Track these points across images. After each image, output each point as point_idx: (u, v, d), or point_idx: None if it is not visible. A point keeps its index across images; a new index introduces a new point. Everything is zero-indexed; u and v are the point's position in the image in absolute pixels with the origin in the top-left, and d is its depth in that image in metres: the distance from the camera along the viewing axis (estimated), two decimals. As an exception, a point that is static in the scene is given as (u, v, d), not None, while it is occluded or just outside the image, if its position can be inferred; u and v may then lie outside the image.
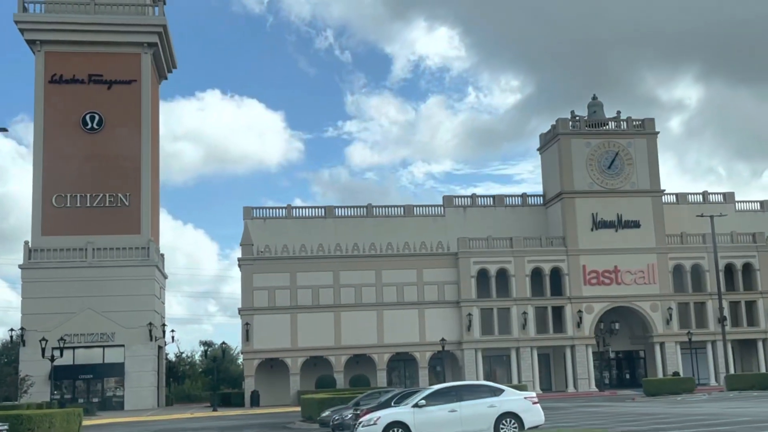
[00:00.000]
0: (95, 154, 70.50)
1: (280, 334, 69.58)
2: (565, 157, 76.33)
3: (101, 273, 67.75)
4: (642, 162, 77.14)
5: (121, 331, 67.05)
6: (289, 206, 77.12)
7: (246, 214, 75.48)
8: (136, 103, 72.13)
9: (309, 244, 72.31)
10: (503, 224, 78.35)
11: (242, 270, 70.65)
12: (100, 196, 69.97)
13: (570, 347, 73.13)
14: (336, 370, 69.99)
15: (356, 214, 77.97)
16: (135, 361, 66.92)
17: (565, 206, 75.71)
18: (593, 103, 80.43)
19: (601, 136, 77.19)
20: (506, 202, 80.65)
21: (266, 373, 70.18)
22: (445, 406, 22.65)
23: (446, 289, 72.89)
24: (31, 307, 65.52)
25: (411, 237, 74.84)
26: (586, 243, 74.72)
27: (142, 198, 70.37)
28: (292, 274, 70.85)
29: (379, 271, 72.23)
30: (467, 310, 71.77)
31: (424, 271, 72.85)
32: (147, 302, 68.34)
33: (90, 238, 68.54)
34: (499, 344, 72.25)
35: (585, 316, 73.28)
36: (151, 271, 69.01)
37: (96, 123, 70.98)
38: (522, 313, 72.31)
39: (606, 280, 74.40)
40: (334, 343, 70.57)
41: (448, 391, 23.27)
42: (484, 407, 22.82)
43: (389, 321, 71.46)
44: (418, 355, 71.73)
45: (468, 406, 22.70)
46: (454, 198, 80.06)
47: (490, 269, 72.91)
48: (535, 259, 73.81)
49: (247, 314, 69.58)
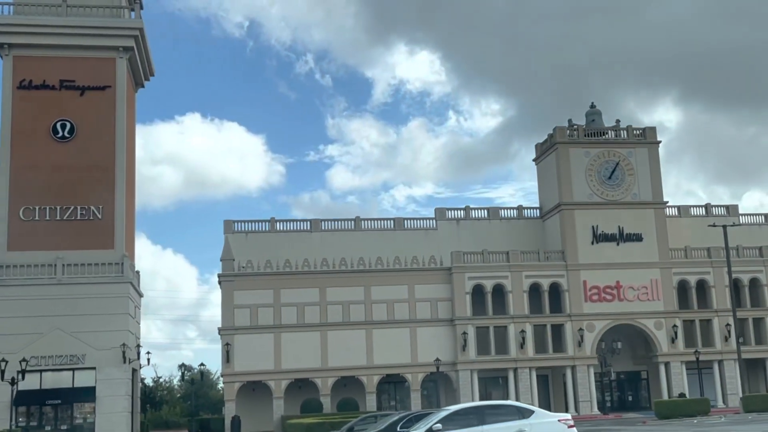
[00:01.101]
0: (66, 164, 66.74)
1: (263, 355, 65.97)
2: (564, 167, 73.44)
3: (71, 291, 63.80)
4: (644, 172, 74.43)
5: (92, 352, 63.08)
6: (273, 219, 73.76)
7: (227, 228, 72.01)
8: (110, 110, 68.47)
9: (294, 259, 68.89)
10: (498, 238, 75.27)
11: (222, 287, 67.05)
12: (71, 208, 66.18)
13: (571, 368, 69.87)
14: (322, 394, 66.36)
15: (343, 227, 74.69)
16: (107, 384, 62.89)
17: (563, 218, 72.71)
18: (591, 112, 77.77)
19: (601, 146, 74.47)
20: (501, 214, 77.59)
21: (248, 397, 66.45)
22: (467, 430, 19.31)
23: (439, 307, 69.57)
24: (-5, 328, 61.42)
25: (401, 251, 71.59)
26: (586, 257, 71.70)
27: (116, 211, 66.62)
28: (276, 291, 67.35)
29: (368, 287, 68.88)
30: (462, 329, 68.43)
31: (415, 287, 69.57)
32: (120, 322, 64.42)
33: (60, 254, 64.65)
34: (496, 365, 68.89)
35: (586, 335, 70.10)
36: (125, 288, 65.19)
37: (67, 131, 67.32)
38: (520, 331, 69.04)
39: (608, 297, 71.32)
40: (321, 365, 67.03)
41: (467, 413, 19.88)
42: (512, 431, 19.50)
43: (379, 340, 68.04)
44: (410, 376, 68.26)
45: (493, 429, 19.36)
46: (446, 210, 76.96)
47: (485, 285, 69.68)
48: (533, 274, 70.66)
49: (227, 334, 65.92)
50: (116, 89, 68.92)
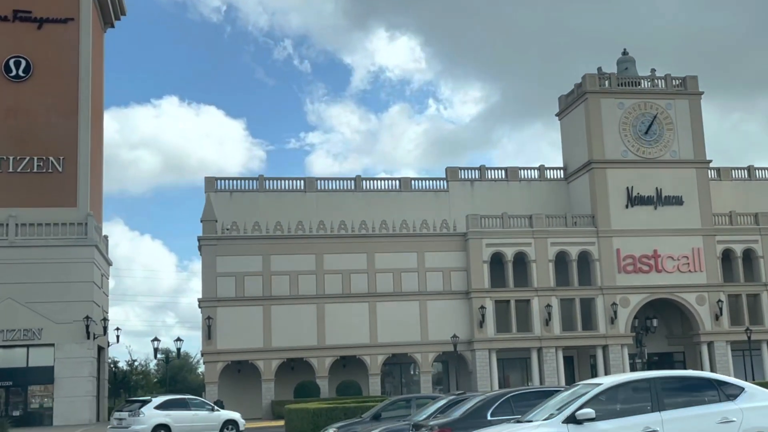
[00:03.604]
0: (20, 107, 58.57)
1: (251, 332, 58.26)
2: (594, 119, 65.83)
3: (26, 254, 55.84)
4: (684, 127, 67.03)
5: (50, 326, 55.16)
6: (262, 177, 65.85)
7: (208, 186, 64.07)
8: (73, 46, 60.32)
9: (286, 222, 60.98)
10: (517, 201, 67.71)
11: (203, 252, 59.15)
12: (26, 159, 58.07)
13: (602, 347, 62.45)
14: (319, 376, 58.74)
15: (342, 187, 66.80)
16: (67, 364, 55.01)
17: (593, 178, 65.17)
18: (624, 59, 70.17)
19: (636, 96, 66.95)
20: (521, 175, 69.84)
21: (233, 379, 58.72)
22: (634, 420, 11.65)
23: (453, 277, 61.94)
24: (-66, 296, 53.26)
25: (409, 214, 63.83)
26: (619, 222, 64.30)
27: (80, 162, 58.51)
28: (265, 258, 59.50)
29: (371, 254, 61.15)
30: (479, 302, 60.87)
31: (426, 254, 61.87)
32: (84, 291, 56.49)
33: (12, 211, 56.55)
34: (518, 344, 61.49)
35: (620, 310, 62.70)
36: (89, 252, 57.19)
37: (22, 70, 59.11)
38: (545, 306, 61.56)
39: (644, 267, 64.00)
40: (317, 343, 59.39)
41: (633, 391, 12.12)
42: (710, 422, 11.79)
43: (384, 315, 60.47)
44: (419, 357, 60.69)
45: (678, 419, 11.70)
46: (459, 170, 69.22)
47: (506, 253, 62.10)
48: (559, 241, 63.18)
49: (208, 306, 58.07)
50: (80, 23, 60.80)
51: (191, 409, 36.26)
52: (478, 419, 14.98)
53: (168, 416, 34.76)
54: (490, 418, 15.09)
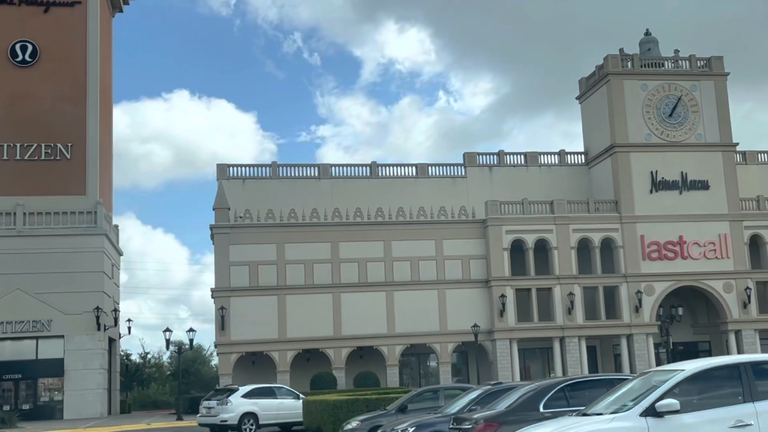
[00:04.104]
0: (27, 93, 57.38)
1: (265, 322, 56.85)
2: (617, 101, 63.96)
3: (34, 244, 54.67)
4: (709, 110, 65.11)
5: (59, 317, 54.03)
6: (275, 164, 64.34)
7: (220, 173, 62.56)
8: (80, 30, 59.11)
9: (300, 209, 59.43)
10: (537, 187, 65.99)
11: (216, 241, 57.72)
12: (34, 146, 56.86)
13: (626, 337, 60.72)
14: (335, 367, 57.29)
15: (357, 174, 65.22)
16: (78, 356, 53.89)
17: (616, 163, 63.36)
18: (647, 39, 68.18)
19: (660, 77, 65.00)
20: (540, 160, 68.04)
21: (247, 370, 57.40)
22: (724, 412, 10.05)
23: (472, 265, 60.31)
24: (-59, 287, 52.08)
25: (426, 201, 62.18)
26: (643, 208, 62.47)
27: (88, 149, 57.27)
28: (279, 246, 57.99)
29: (388, 242, 59.55)
30: (499, 291, 59.24)
31: (444, 242, 60.23)
32: (94, 281, 55.30)
33: (20, 200, 55.44)
34: (539, 333, 59.82)
35: (645, 298, 60.93)
36: (99, 241, 55.93)
37: (29, 54, 57.84)
38: (567, 294, 59.88)
39: (669, 254, 62.17)
40: (333, 333, 57.93)
41: (722, 376, 10.45)
42: None
43: (402, 305, 58.92)
44: (439, 347, 59.10)
45: None
46: (477, 156, 67.51)
47: (526, 240, 60.41)
48: (582, 228, 61.42)
49: (222, 296, 56.65)
50: (87, 6, 59.69)
51: (278, 397, 36.51)
52: (530, 412, 13.42)
53: (255, 404, 35.04)
54: (543, 411, 13.53)
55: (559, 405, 13.55)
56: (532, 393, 13.71)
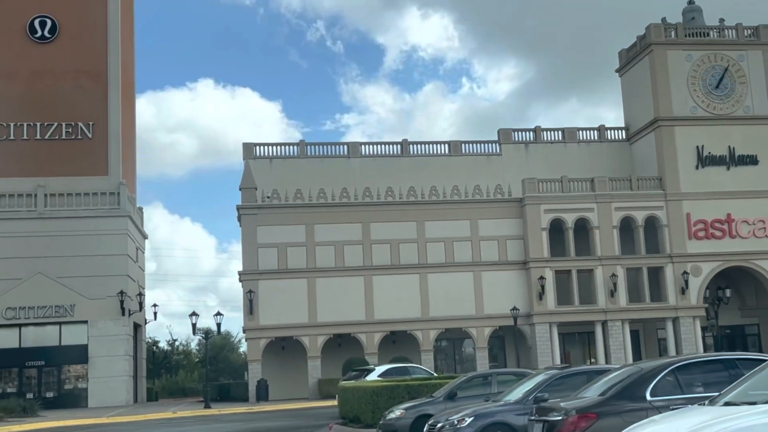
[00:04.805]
0: (47, 70, 55.59)
1: (294, 306, 54.87)
2: (660, 73, 61.05)
3: (56, 226, 53.04)
4: (758, 80, 62.21)
5: (83, 302, 52.39)
6: (303, 142, 62.17)
7: (246, 153, 60.56)
8: (101, 4, 57.19)
9: (329, 189, 57.21)
10: (575, 164, 63.36)
11: (243, 222, 55.75)
12: (54, 125, 55.13)
13: (672, 320, 58.04)
14: (368, 352, 55.23)
15: (388, 152, 62.88)
16: (102, 342, 52.23)
17: (660, 137, 60.58)
18: (690, 8, 65.21)
19: (705, 47, 62.04)
20: (579, 136, 65.33)
21: (277, 356, 55.57)
22: None
23: (509, 246, 57.91)
24: (-39, 272, 50.52)
25: (460, 180, 59.76)
26: (689, 184, 59.68)
27: (110, 128, 55.43)
28: (309, 227, 55.90)
29: (420, 223, 57.26)
30: (538, 273, 56.79)
31: (479, 222, 57.86)
32: (118, 265, 53.57)
33: (41, 181, 53.77)
34: (580, 317, 57.35)
35: (692, 280, 58.14)
36: (122, 223, 54.15)
37: (48, 30, 56.04)
38: (610, 275, 57.30)
39: (717, 233, 59.38)
40: (365, 317, 55.86)
41: None
42: None
43: (436, 287, 56.69)
44: (475, 331, 56.77)
45: None
46: (512, 132, 64.91)
47: (566, 219, 57.87)
48: (624, 206, 58.77)
49: (250, 279, 54.70)
50: (108, -20, 57.27)
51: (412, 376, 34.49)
52: (633, 400, 11.11)
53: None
54: (650, 399, 11.20)
55: (670, 392, 11.25)
56: (634, 377, 11.39)
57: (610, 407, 11.05)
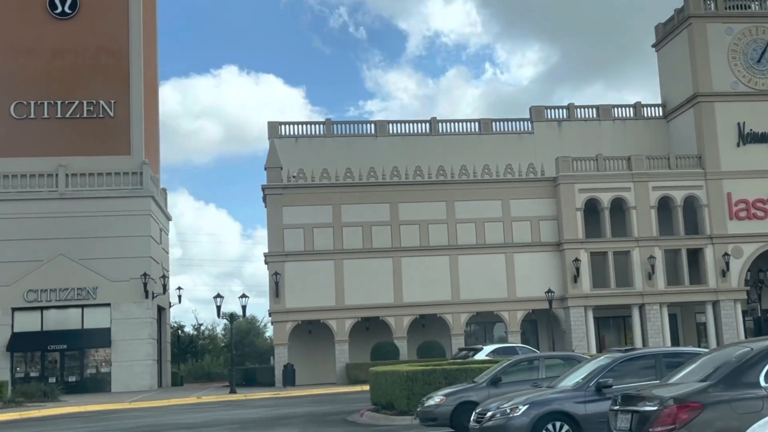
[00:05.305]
0: (68, 47, 54.33)
1: (321, 289, 53.42)
2: (700, 47, 58.74)
3: (77, 207, 51.93)
4: (802, 54, 59.25)
5: (105, 285, 51.26)
6: (329, 121, 60.46)
7: (271, 132, 59.03)
8: (122, -20, 55.42)
9: (356, 169, 55.58)
10: (610, 143, 61.36)
11: (268, 202, 54.33)
12: (76, 103, 53.89)
13: (712, 303, 55.94)
14: (396, 336, 53.69)
15: (416, 131, 61.17)
16: (125, 325, 51.09)
17: (700, 114, 58.34)
18: (731, -20, 62.35)
19: (747, 20, 59.68)
20: (614, 114, 63.14)
21: (303, 340, 54.18)
22: None
23: (542, 227, 56.06)
24: (-19, 253, 49.47)
25: (491, 159, 57.89)
26: (730, 163, 57.46)
27: (132, 106, 54.13)
28: (336, 208, 54.36)
29: (450, 203, 55.53)
30: (572, 255, 54.88)
31: (511, 202, 56.02)
32: (141, 246, 52.35)
33: (62, 160, 52.66)
34: (617, 300, 55.42)
35: (733, 262, 55.99)
36: (145, 203, 52.89)
37: (68, 6, 54.76)
38: (647, 257, 55.28)
39: (759, 213, 57.27)
40: (394, 300, 54.24)
41: None
42: None
43: (466, 270, 54.99)
44: (507, 315, 55.00)
45: None
46: (544, 110, 62.91)
47: (601, 199, 55.90)
48: (662, 185, 56.68)
49: (275, 261, 53.28)
50: (129, -46, 55.79)
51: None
52: (745, 387, 9.38)
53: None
54: (764, 384, 9.47)
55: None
56: (744, 359, 9.64)
57: (716, 395, 9.34)
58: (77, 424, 27.60)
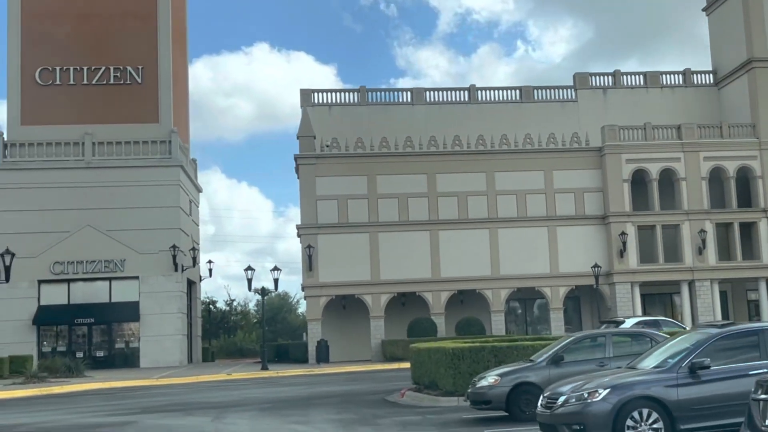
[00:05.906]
0: (93, 12, 52.52)
1: (356, 262, 51.36)
2: (755, 10, 55.67)
3: (104, 176, 50.28)
4: None
5: (133, 257, 49.63)
6: (363, 88, 58.09)
7: (304, 100, 56.86)
8: (149, -59, 53.36)
9: (392, 138, 53.27)
10: (657, 112, 58.33)
11: (301, 172, 52.24)
12: (102, 69, 52.12)
13: (766, 280, 53.20)
14: (434, 312, 51.55)
15: (454, 99, 58.64)
16: (154, 299, 49.47)
17: (754, 80, 55.34)
18: (789, -62, 58.84)
19: (807, -19, 55.89)
20: (662, 81, 60.10)
21: (337, 316, 52.24)
22: None
23: (587, 199, 53.48)
24: (6, 224, 47.96)
25: (533, 128, 55.31)
26: (787, 132, 54.15)
27: (161, 72, 52.23)
28: (371, 178, 52.18)
29: (490, 173, 53.09)
30: (619, 228, 52.29)
31: (554, 173, 53.49)
32: (170, 217, 50.64)
33: (88, 128, 50.99)
34: (665, 276, 52.82)
35: (788, 235, 52.96)
36: (174, 173, 51.12)
37: (94, -31, 52.55)
38: (698, 231, 52.53)
39: (817, 185, 53.84)
40: (431, 275, 52.06)
41: None
42: None
43: (507, 243, 52.62)
44: (549, 291, 52.63)
45: None
46: (589, 77, 60.03)
47: (650, 170, 53.15)
48: (714, 156, 53.76)
49: (308, 233, 51.26)
50: None
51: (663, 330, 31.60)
52: None
53: None
54: None
55: None
56: None
57: None
58: (96, 402, 25.85)
